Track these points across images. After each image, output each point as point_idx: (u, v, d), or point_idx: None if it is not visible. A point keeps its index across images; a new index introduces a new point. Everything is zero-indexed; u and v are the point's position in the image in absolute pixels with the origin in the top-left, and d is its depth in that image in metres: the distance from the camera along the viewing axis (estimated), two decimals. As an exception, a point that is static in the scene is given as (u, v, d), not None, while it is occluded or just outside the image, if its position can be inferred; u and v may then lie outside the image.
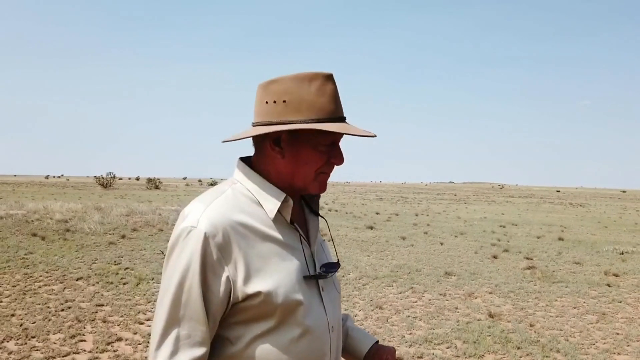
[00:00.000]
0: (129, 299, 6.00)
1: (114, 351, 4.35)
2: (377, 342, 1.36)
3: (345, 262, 9.06)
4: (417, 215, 22.50)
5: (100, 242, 10.44)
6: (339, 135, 1.13)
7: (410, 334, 5.16)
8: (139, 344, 4.56)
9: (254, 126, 1.15)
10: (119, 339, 4.63)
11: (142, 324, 5.13)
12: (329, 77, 1.12)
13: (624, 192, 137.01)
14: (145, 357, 4.23)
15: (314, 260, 1.17)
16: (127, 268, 7.84)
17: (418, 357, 4.50)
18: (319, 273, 1.15)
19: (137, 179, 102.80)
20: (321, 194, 1.23)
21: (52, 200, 22.95)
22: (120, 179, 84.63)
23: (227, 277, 1.03)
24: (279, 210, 1.12)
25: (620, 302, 6.75)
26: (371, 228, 15.26)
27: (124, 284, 6.79)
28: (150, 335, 1.06)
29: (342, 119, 1.13)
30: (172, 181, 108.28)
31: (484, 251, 11.15)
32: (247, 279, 1.03)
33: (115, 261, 8.35)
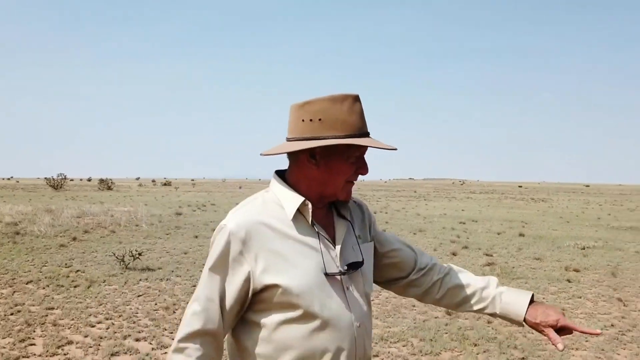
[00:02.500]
0: (80, 302, 5.86)
1: (65, 354, 4.28)
2: (532, 299, 1.42)
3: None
4: (375, 213, 22.38)
5: (51, 244, 10.18)
6: (365, 148, 1.29)
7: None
8: (90, 346, 4.45)
9: (288, 141, 1.30)
10: (70, 342, 4.55)
11: (93, 326, 5.01)
12: (357, 98, 1.29)
13: (587, 186, 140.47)
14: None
15: (339, 259, 1.28)
16: (78, 270, 7.64)
17: (374, 356, 4.28)
18: (340, 271, 1.26)
19: (89, 180, 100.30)
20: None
21: (1, 203, 22.37)
22: (71, 180, 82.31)
23: (247, 268, 1.21)
24: (301, 213, 1.28)
25: (580, 297, 6.69)
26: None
27: (75, 286, 6.61)
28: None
29: (367, 134, 1.29)
30: (125, 182, 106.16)
31: (443, 248, 11.05)
32: (265, 271, 1.21)
33: (66, 264, 8.15)
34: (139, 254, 8.26)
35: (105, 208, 18.74)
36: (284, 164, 1.39)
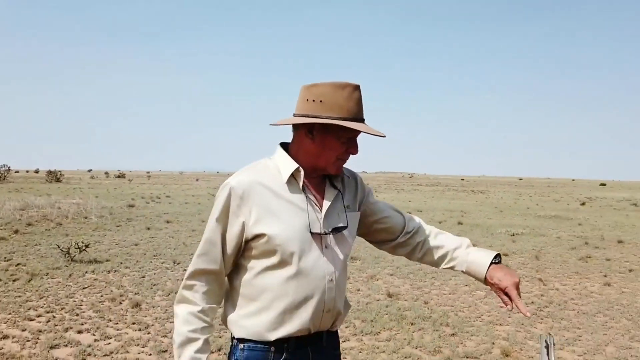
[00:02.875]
0: (19, 296, 5.70)
1: (0, 349, 4.15)
2: (496, 260, 1.58)
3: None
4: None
5: (-10, 238, 9.72)
6: (357, 132, 1.47)
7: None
8: (27, 340, 4.35)
9: (294, 116, 1.50)
10: (5, 337, 4.41)
11: (32, 320, 4.88)
12: (357, 87, 1.47)
13: (521, 179, 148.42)
14: (34, 354, 4.07)
15: (323, 221, 1.48)
16: (18, 264, 7.42)
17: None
18: (324, 231, 1.47)
19: (37, 171, 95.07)
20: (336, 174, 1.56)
21: None
22: (16, 172, 77.83)
23: (242, 219, 1.43)
24: (295, 178, 1.48)
25: (507, 278, 7.32)
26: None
27: (14, 280, 6.41)
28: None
29: (362, 120, 1.48)
30: (77, 174, 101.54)
31: (389, 236, 11.59)
32: (256, 222, 1.42)
33: (5, 257, 7.87)
34: (86, 246, 8.16)
35: (52, 200, 17.99)
36: (259, 153, 1.66)
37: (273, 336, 1.43)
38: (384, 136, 1.49)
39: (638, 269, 8.34)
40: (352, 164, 1.65)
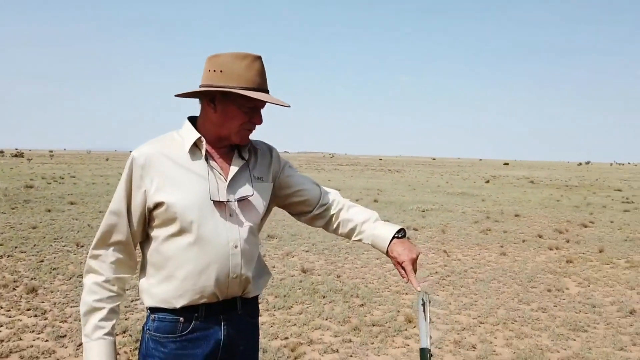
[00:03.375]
0: None
1: None
2: (400, 234, 1.62)
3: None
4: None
5: None
6: (260, 102, 1.50)
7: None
8: None
9: (200, 87, 1.52)
10: None
11: None
12: (258, 58, 1.50)
13: (434, 159, 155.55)
14: None
15: (227, 190, 1.50)
16: None
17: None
18: (228, 200, 1.49)
19: None
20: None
21: None
22: None
23: (144, 189, 1.46)
24: (198, 148, 1.51)
25: (414, 251, 7.71)
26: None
27: None
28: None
29: (264, 90, 1.50)
30: None
31: (305, 214, 11.76)
32: (157, 191, 1.44)
33: None
34: (-23, 231, 7.52)
35: None
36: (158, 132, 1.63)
37: (179, 303, 1.45)
38: (288, 106, 1.52)
39: (530, 239, 9.11)
40: (278, 145, 1.66)
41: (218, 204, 1.48)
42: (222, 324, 1.51)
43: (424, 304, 1.52)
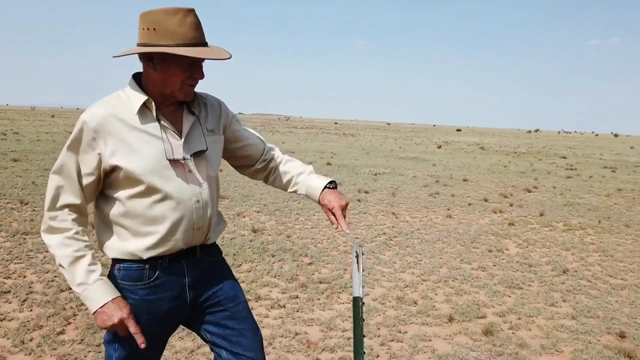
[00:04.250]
0: None
1: None
2: (331, 185, 1.76)
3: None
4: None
5: None
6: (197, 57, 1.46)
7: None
8: None
9: (136, 46, 1.49)
10: None
11: None
12: (190, 11, 1.45)
13: (389, 124, 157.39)
14: None
15: (182, 147, 1.53)
16: None
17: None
18: (183, 157, 1.52)
19: None
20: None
21: None
22: None
23: (98, 153, 1.46)
24: (148, 109, 1.51)
25: (365, 213, 7.87)
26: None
27: None
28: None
29: (201, 44, 1.48)
30: None
31: (259, 176, 11.71)
32: (112, 155, 1.45)
33: None
34: None
35: None
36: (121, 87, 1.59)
37: (146, 255, 1.52)
38: (228, 57, 1.50)
39: (476, 203, 9.45)
40: (233, 106, 1.67)
41: (175, 162, 1.52)
42: (185, 268, 1.60)
43: (357, 256, 1.59)
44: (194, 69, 1.51)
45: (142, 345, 1.46)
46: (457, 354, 3.29)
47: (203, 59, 1.51)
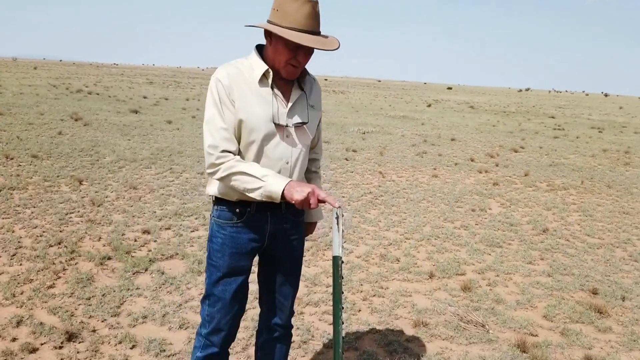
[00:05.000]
0: None
1: None
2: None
3: (102, 147, 8.56)
4: (187, 100, 22.09)
5: None
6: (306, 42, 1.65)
7: (161, 209, 5.28)
8: None
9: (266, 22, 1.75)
10: None
11: None
12: (309, 2, 1.66)
13: (380, 81, 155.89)
14: None
15: (286, 115, 1.78)
16: None
17: (166, 229, 4.67)
18: (286, 124, 1.77)
19: None
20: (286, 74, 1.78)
21: None
22: None
23: (231, 106, 1.73)
24: (265, 77, 1.76)
25: (352, 172, 7.94)
26: (136, 112, 14.49)
27: None
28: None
29: (311, 33, 1.68)
30: None
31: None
32: (238, 109, 1.72)
33: None
34: None
35: None
36: (102, 34, 1.61)
37: (235, 197, 1.79)
38: (330, 49, 1.69)
39: (462, 162, 9.56)
40: (217, 59, 1.65)
41: (278, 126, 1.77)
42: (269, 218, 1.86)
43: (337, 217, 1.66)
44: (299, 52, 1.71)
45: (336, 204, 1.65)
46: (436, 309, 3.43)
47: (309, 47, 1.68)
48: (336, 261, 1.69)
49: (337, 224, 1.67)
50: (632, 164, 10.79)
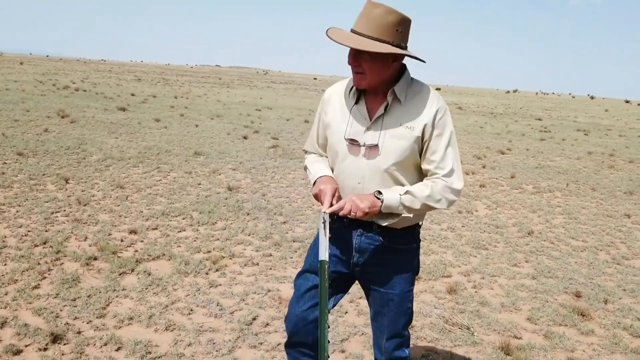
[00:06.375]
0: None
1: None
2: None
3: (89, 145, 8.48)
4: (176, 97, 21.93)
5: None
6: (347, 45, 1.63)
7: (148, 209, 5.25)
8: None
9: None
10: None
11: None
12: (371, 3, 1.60)
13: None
14: None
15: (363, 133, 1.72)
16: None
17: (153, 229, 4.65)
18: (359, 143, 1.71)
19: None
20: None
21: None
22: None
23: (322, 119, 1.86)
24: (355, 89, 1.74)
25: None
26: (123, 110, 14.36)
27: None
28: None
29: (354, 31, 1.62)
30: None
31: (236, 132, 11.64)
32: (324, 124, 1.84)
33: None
34: None
35: None
36: (85, 30, 1.53)
37: (324, 208, 1.71)
38: (349, 46, 1.60)
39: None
40: (206, 57, 1.68)
41: (352, 143, 1.72)
42: (354, 236, 1.81)
43: (324, 222, 1.68)
44: (349, 53, 1.67)
45: (323, 209, 1.70)
46: (422, 311, 3.46)
47: (351, 48, 1.64)
48: (322, 265, 1.70)
49: (324, 228, 1.68)
50: (617, 166, 10.94)
